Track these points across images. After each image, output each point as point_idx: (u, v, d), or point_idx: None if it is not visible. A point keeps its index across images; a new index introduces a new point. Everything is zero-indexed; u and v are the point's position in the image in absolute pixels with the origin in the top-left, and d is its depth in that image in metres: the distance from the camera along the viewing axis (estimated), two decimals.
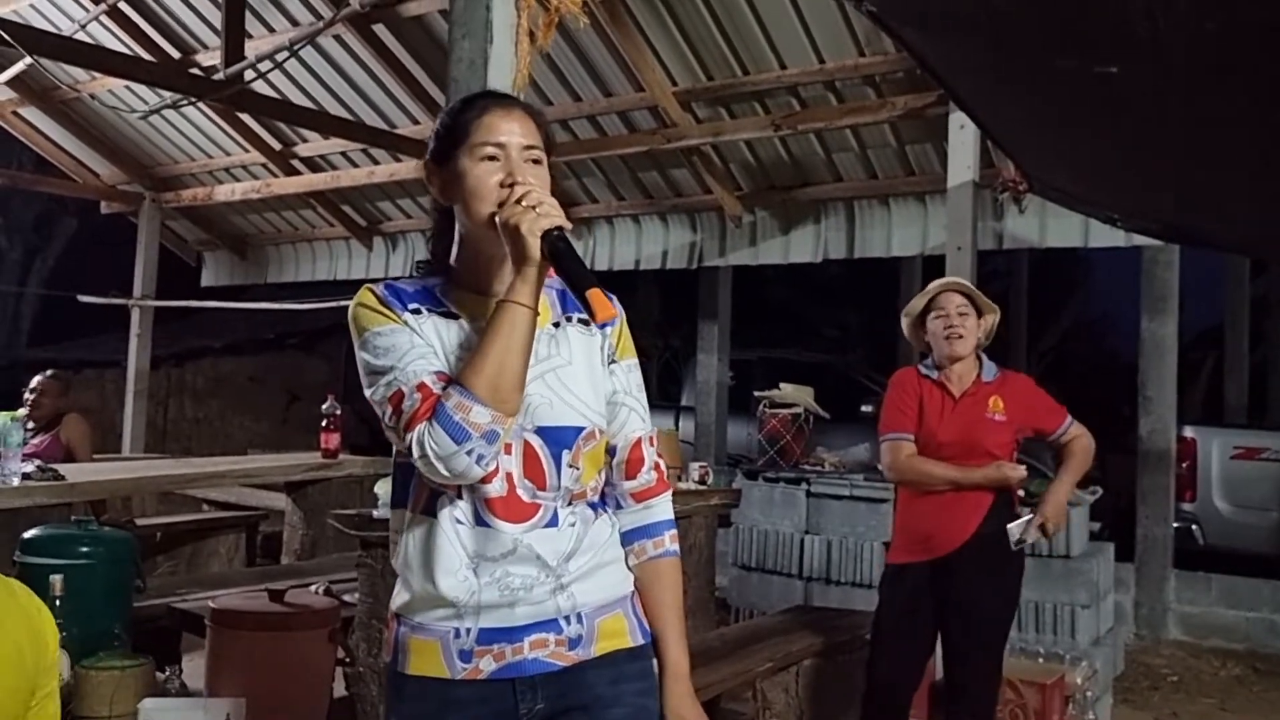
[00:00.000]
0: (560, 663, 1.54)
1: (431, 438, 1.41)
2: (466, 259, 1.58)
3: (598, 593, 1.58)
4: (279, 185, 7.44)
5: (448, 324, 1.54)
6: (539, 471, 1.53)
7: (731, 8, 5.18)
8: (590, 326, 1.62)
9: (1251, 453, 7.32)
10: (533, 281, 1.45)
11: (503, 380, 1.43)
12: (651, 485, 1.67)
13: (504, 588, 1.50)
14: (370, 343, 1.50)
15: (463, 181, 1.52)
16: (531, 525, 1.52)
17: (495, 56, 2.12)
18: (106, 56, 5.58)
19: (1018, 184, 5.11)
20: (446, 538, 1.50)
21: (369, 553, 3.31)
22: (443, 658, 1.51)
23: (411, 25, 5.91)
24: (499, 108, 1.55)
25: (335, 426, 5.29)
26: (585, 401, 1.57)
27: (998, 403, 3.33)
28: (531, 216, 1.44)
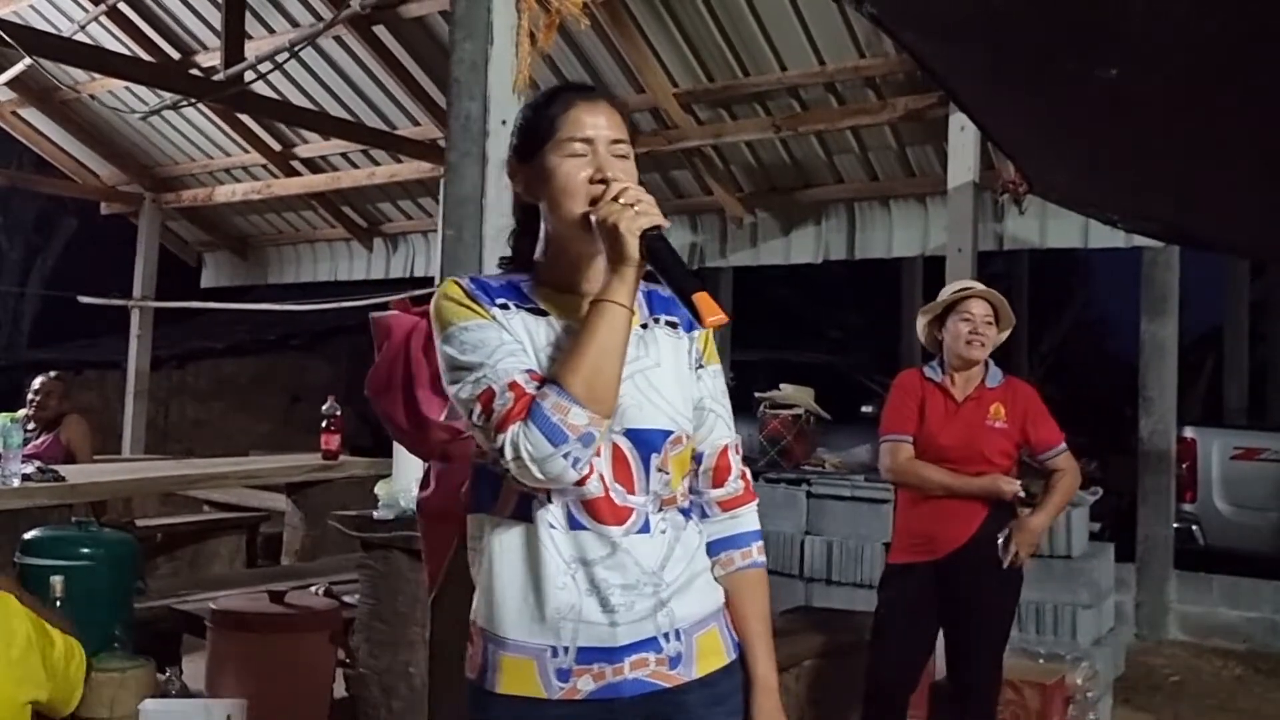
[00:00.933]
0: (662, 683, 1.48)
1: (527, 439, 1.35)
2: (553, 256, 1.53)
3: (694, 607, 1.52)
4: (279, 186, 7.44)
5: (535, 321, 1.49)
6: (628, 475, 1.47)
7: (732, 10, 5.18)
8: (678, 329, 1.57)
9: (1251, 453, 7.32)
10: (630, 281, 1.40)
11: (600, 381, 1.38)
12: (739, 494, 1.62)
13: (603, 601, 1.44)
14: (456, 337, 1.45)
15: (551, 179, 1.47)
16: (627, 529, 1.46)
17: (496, 58, 2.12)
18: (106, 57, 5.59)
19: (1018, 185, 5.11)
20: (544, 543, 1.44)
21: (370, 554, 3.32)
22: (538, 677, 1.44)
23: (412, 26, 5.91)
24: (585, 101, 1.50)
25: (336, 428, 5.30)
26: (673, 405, 1.52)
27: (999, 410, 3.32)
28: (630, 214, 1.39)
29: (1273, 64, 2.49)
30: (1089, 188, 4.42)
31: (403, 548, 3.21)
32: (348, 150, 7.11)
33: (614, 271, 1.41)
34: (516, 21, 2.15)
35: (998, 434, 3.31)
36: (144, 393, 7.91)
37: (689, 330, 1.58)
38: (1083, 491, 4.89)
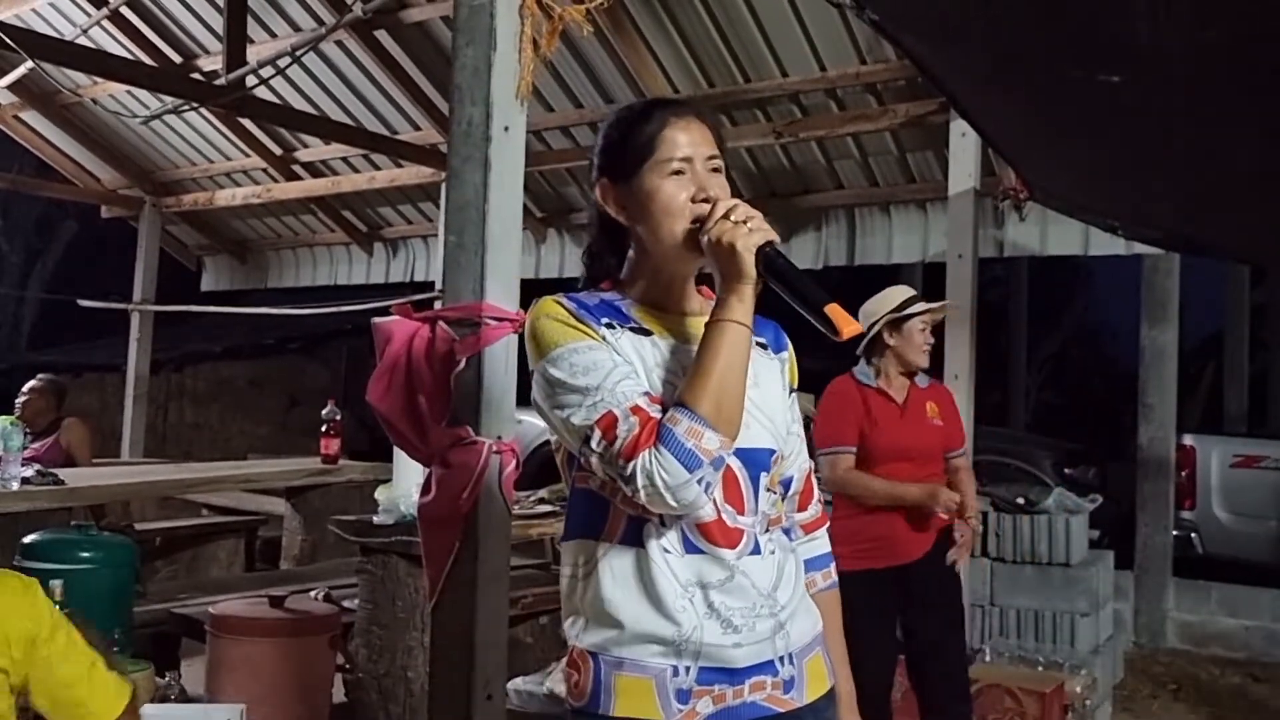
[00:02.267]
0: (777, 708, 1.45)
1: (661, 466, 1.31)
2: (651, 275, 1.51)
3: (804, 631, 1.51)
4: (280, 190, 7.43)
5: (641, 340, 1.46)
6: (738, 496, 1.44)
7: (734, 15, 5.18)
8: (767, 350, 1.56)
9: (1251, 461, 7.33)
10: (749, 300, 1.37)
11: (727, 402, 1.35)
12: (819, 517, 1.65)
13: (725, 623, 1.41)
14: (564, 360, 1.39)
15: (653, 200, 1.44)
16: (740, 551, 1.43)
17: (499, 64, 2.11)
18: (109, 61, 5.59)
19: (1019, 192, 5.10)
20: (659, 568, 1.40)
21: (369, 559, 3.32)
22: (657, 697, 1.40)
23: (413, 31, 5.92)
24: (678, 119, 1.48)
25: (335, 432, 5.30)
26: (775, 423, 1.50)
27: (934, 408, 3.44)
28: (744, 232, 1.36)
29: (1274, 71, 2.50)
30: (1090, 194, 4.42)
31: (402, 553, 3.22)
32: (348, 155, 7.10)
33: (731, 290, 1.38)
34: (519, 28, 2.14)
35: (938, 432, 3.42)
36: (143, 396, 7.90)
37: (778, 352, 1.58)
38: (1081, 499, 4.91)
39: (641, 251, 1.50)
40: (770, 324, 1.57)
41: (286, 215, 8.24)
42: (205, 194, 7.82)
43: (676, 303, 1.51)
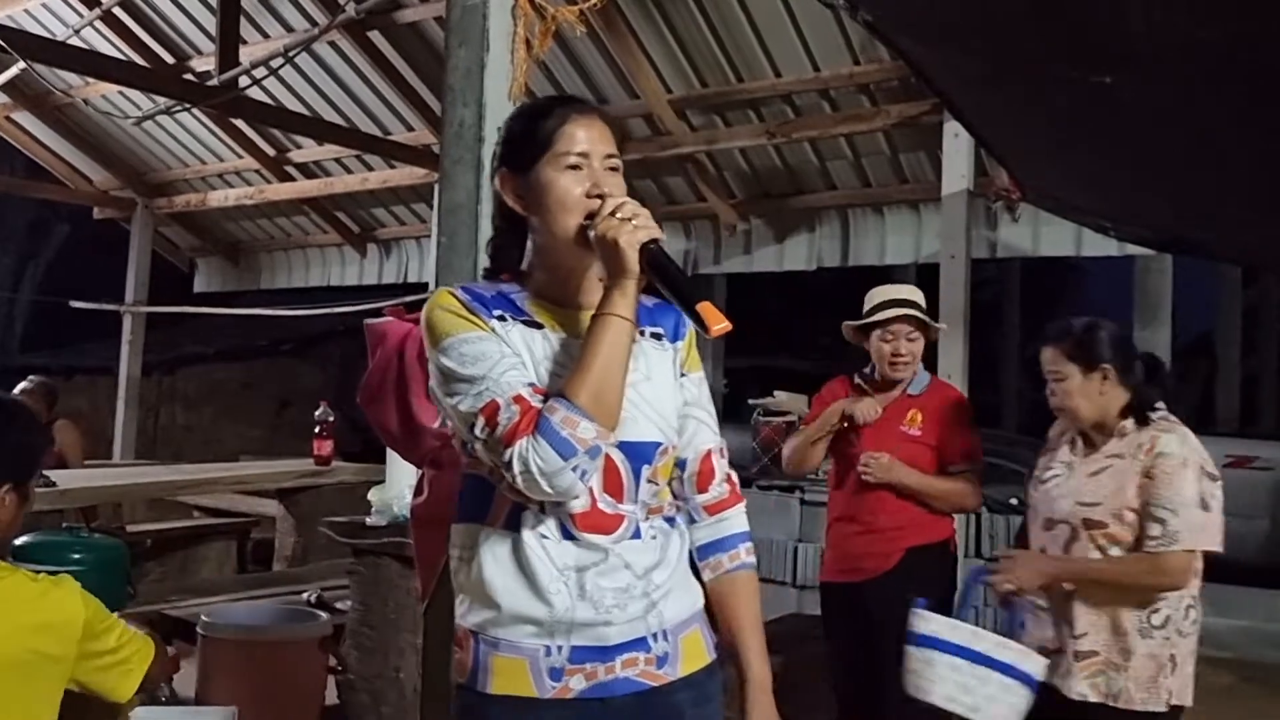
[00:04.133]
0: (651, 682, 1.50)
1: (536, 453, 1.36)
2: (546, 269, 1.54)
3: (680, 609, 1.55)
4: (272, 192, 7.44)
5: (532, 333, 1.50)
6: (618, 485, 1.49)
7: (727, 16, 5.20)
8: (663, 340, 1.59)
9: (1242, 461, 7.32)
10: (632, 295, 1.42)
11: (606, 394, 1.40)
12: (724, 498, 1.64)
13: (597, 603, 1.46)
14: (454, 349, 1.44)
15: (548, 193, 1.48)
16: (618, 537, 1.48)
17: (492, 64, 2.11)
18: (102, 62, 5.57)
19: (1011, 193, 5.12)
20: (534, 553, 1.46)
21: (360, 560, 3.32)
22: (531, 676, 1.46)
23: (407, 32, 5.92)
24: (580, 116, 1.51)
25: (328, 433, 5.28)
26: (664, 416, 1.54)
27: (915, 416, 3.20)
28: (629, 229, 1.40)
29: (1268, 72, 2.50)
30: (1082, 195, 4.43)
31: (393, 554, 3.21)
32: (341, 156, 7.11)
33: (615, 285, 1.42)
34: (512, 29, 2.14)
35: (910, 441, 3.17)
36: (135, 398, 7.90)
37: (674, 341, 1.60)
38: None
39: (538, 244, 1.54)
40: (673, 312, 1.58)
41: (279, 216, 8.24)
42: (198, 195, 7.83)
43: (572, 296, 1.54)
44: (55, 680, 1.76)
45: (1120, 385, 2.54)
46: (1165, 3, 2.31)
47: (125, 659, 1.85)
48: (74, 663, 1.77)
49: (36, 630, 1.74)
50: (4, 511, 1.82)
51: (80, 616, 1.78)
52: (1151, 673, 2.45)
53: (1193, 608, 2.52)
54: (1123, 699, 2.44)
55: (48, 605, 1.77)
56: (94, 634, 1.79)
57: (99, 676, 1.81)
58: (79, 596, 1.81)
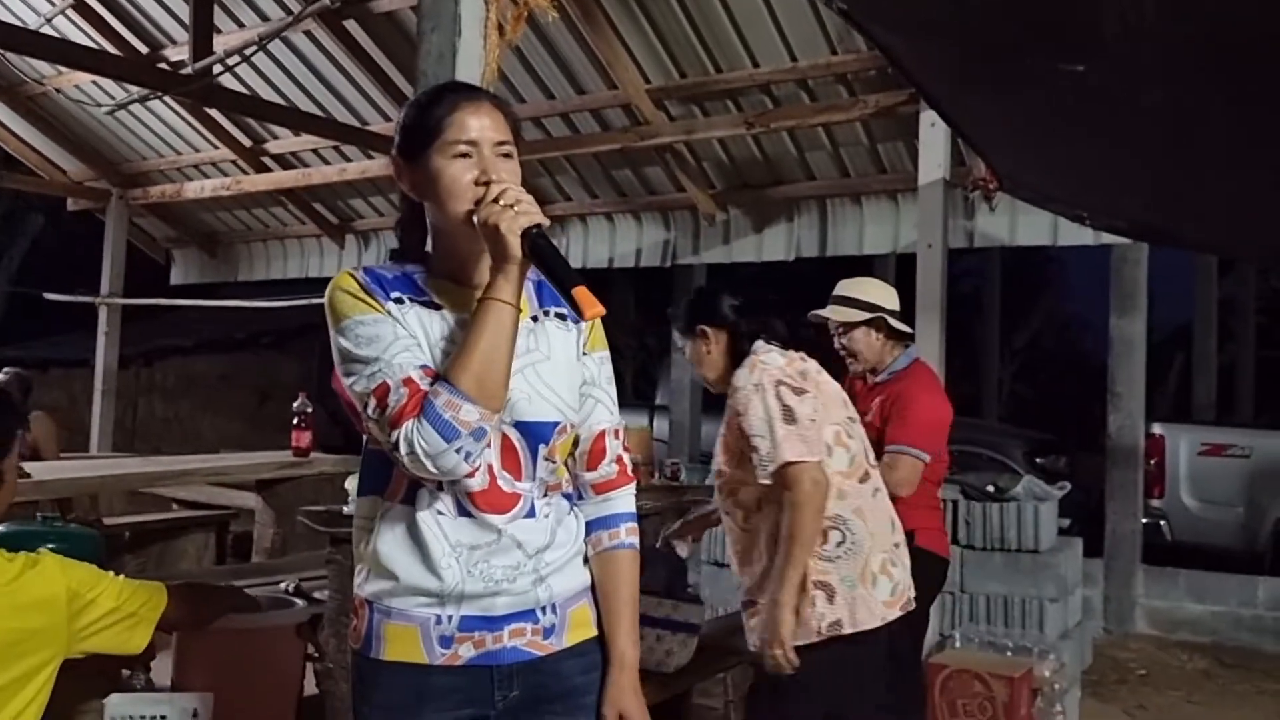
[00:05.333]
0: (537, 652, 1.56)
1: (420, 435, 1.41)
2: (443, 252, 1.58)
3: (570, 583, 1.61)
4: (249, 183, 7.37)
5: (430, 314, 1.55)
6: (516, 464, 1.55)
7: (704, 6, 5.20)
8: (567, 321, 1.63)
9: (1218, 449, 7.44)
10: (515, 279, 1.46)
11: (489, 377, 1.44)
12: (612, 478, 1.68)
13: (487, 578, 1.52)
14: (351, 330, 1.49)
15: (437, 181, 1.51)
16: (513, 516, 1.54)
17: (464, 50, 2.11)
18: (75, 51, 5.53)
19: (988, 182, 5.14)
20: (429, 529, 1.51)
21: (338, 549, 3.29)
22: (421, 643, 1.52)
23: (382, 21, 5.88)
24: (469, 103, 1.54)
25: (307, 425, 5.26)
26: (562, 397, 1.58)
27: (875, 404, 3.30)
28: (510, 215, 1.44)
29: (1241, 62, 2.53)
30: (1057, 185, 4.46)
31: None
32: (318, 146, 7.08)
33: (498, 270, 1.47)
34: (484, 13, 2.15)
35: (867, 426, 3.12)
36: (111, 391, 7.84)
37: (578, 321, 1.63)
38: (1049, 486, 4.96)
39: (434, 228, 1.58)
40: None
41: (256, 208, 8.20)
42: (174, 186, 7.78)
43: (469, 277, 1.58)
44: (46, 654, 1.78)
45: (725, 339, 2.66)
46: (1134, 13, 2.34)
47: (130, 614, 1.87)
48: (67, 635, 1.79)
49: (18, 610, 1.75)
50: None
51: (62, 590, 1.79)
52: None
53: (834, 529, 2.56)
54: None
55: (25, 584, 1.77)
56: (84, 603, 1.81)
57: (102, 639, 1.84)
58: (58, 570, 1.81)
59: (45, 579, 1.79)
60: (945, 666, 4.17)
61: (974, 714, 4.08)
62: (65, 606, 1.79)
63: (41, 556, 1.84)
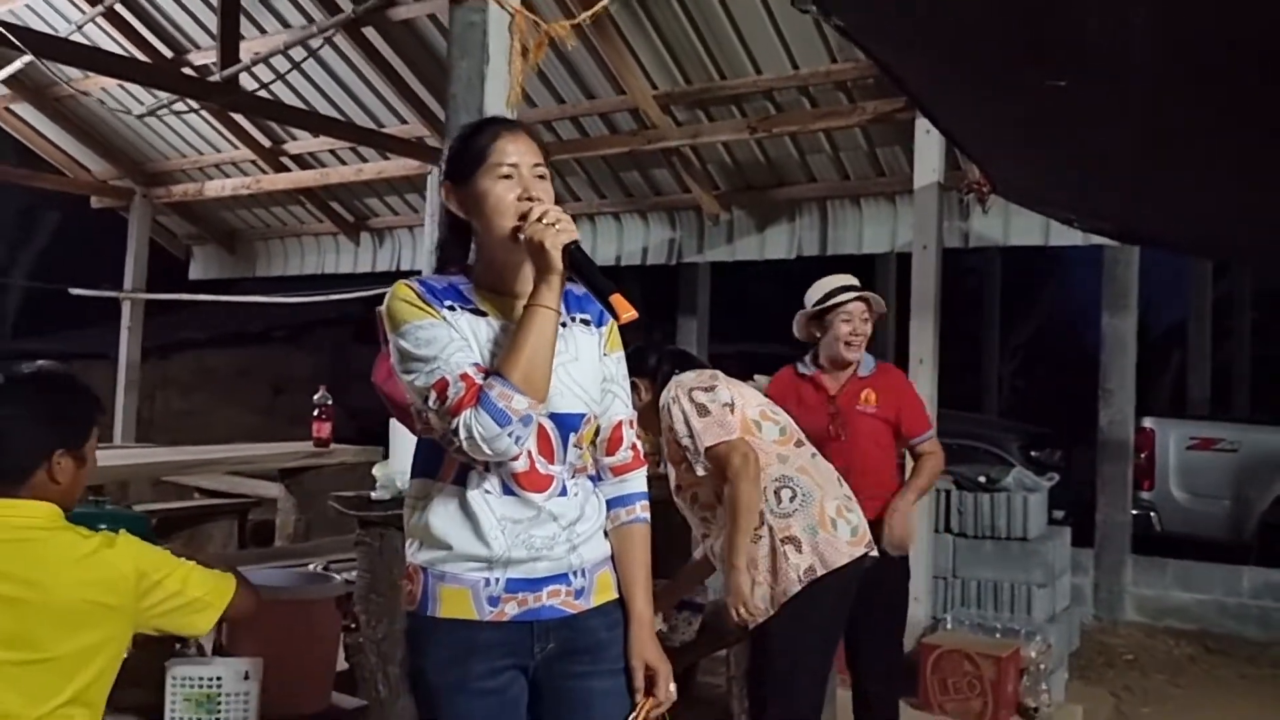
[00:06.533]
0: (570, 610, 1.79)
1: (478, 422, 1.62)
2: (487, 264, 1.81)
3: (596, 552, 1.85)
4: (268, 182, 7.57)
5: (477, 320, 1.77)
6: (550, 449, 1.77)
7: (710, 16, 5.37)
8: (590, 325, 1.86)
9: (1207, 443, 7.60)
10: (556, 288, 1.69)
11: (536, 372, 1.66)
12: (628, 461, 1.92)
13: (529, 546, 1.75)
14: (411, 334, 1.70)
15: (485, 200, 1.74)
16: (549, 494, 1.77)
17: (491, 75, 2.32)
18: (106, 59, 5.71)
19: (982, 185, 5.33)
20: (479, 505, 1.73)
21: (367, 531, 3.51)
22: (473, 602, 1.74)
23: (400, 29, 6.08)
24: (509, 132, 1.78)
25: (327, 416, 5.46)
26: (589, 392, 1.81)
27: (869, 395, 3.51)
28: (553, 232, 1.67)
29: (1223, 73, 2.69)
30: (1045, 189, 4.63)
31: (397, 525, 3.38)
32: (336, 147, 7.26)
33: (542, 280, 1.69)
34: (509, 42, 2.36)
35: (868, 419, 3.49)
36: (135, 383, 8.06)
37: (599, 325, 1.87)
38: (1039, 478, 5.16)
39: (480, 243, 1.81)
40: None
41: (275, 206, 8.38)
42: (195, 185, 7.97)
43: (510, 286, 1.80)
44: (116, 628, 1.95)
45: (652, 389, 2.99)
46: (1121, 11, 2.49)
47: (196, 599, 2.04)
48: (134, 612, 1.96)
49: (91, 584, 1.91)
50: (62, 475, 1.98)
51: (133, 570, 1.96)
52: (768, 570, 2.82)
53: (783, 488, 2.86)
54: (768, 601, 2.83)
55: (100, 561, 1.94)
56: (151, 584, 1.98)
57: (167, 620, 2.01)
58: (132, 551, 1.98)
59: (119, 558, 1.97)
60: (937, 647, 4.39)
61: (963, 691, 4.30)
62: (134, 585, 1.96)
63: (118, 537, 2.01)
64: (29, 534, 1.93)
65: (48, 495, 1.98)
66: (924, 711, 4.33)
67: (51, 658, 1.87)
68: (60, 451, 1.99)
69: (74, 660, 1.90)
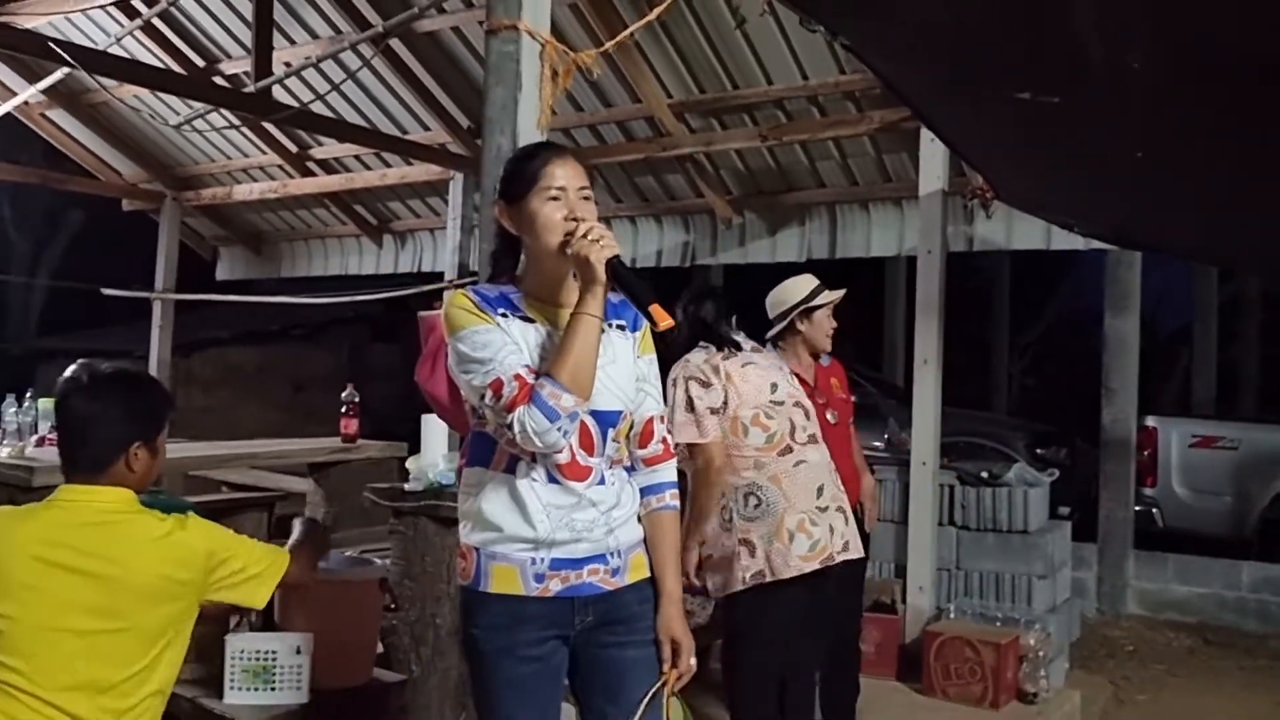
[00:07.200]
0: (607, 587, 2.00)
1: (530, 418, 1.82)
2: (536, 275, 2.01)
3: (631, 535, 2.05)
4: (295, 186, 7.80)
5: (526, 326, 1.96)
6: (590, 443, 1.97)
7: (723, 28, 5.54)
8: (626, 330, 2.06)
9: (1208, 441, 7.74)
10: (600, 298, 1.88)
11: (582, 373, 1.86)
12: (659, 454, 2.12)
13: (572, 529, 1.94)
14: (468, 338, 1.90)
15: (535, 219, 1.94)
16: (589, 483, 1.97)
17: (524, 101, 2.52)
18: (144, 71, 5.93)
19: (985, 191, 5.48)
20: (526, 492, 1.93)
21: (401, 520, 3.71)
22: (520, 579, 1.94)
23: (424, 40, 6.30)
24: (558, 158, 1.98)
25: (354, 413, 5.66)
26: (625, 391, 2.02)
27: (835, 382, 3.88)
28: (597, 248, 1.86)
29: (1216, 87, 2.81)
30: (1044, 196, 4.78)
31: (429, 515, 3.59)
32: (361, 153, 7.47)
33: (586, 290, 1.88)
34: (540, 70, 2.57)
35: (844, 402, 3.88)
36: (165, 381, 8.26)
37: (634, 330, 2.08)
38: (1039, 473, 5.32)
39: (529, 256, 2.02)
40: (633, 308, 2.04)
41: (301, 209, 8.61)
42: (224, 189, 8.19)
43: (556, 296, 2.00)
44: (188, 600, 2.15)
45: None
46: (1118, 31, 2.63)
47: (256, 574, 2.23)
48: (202, 586, 2.15)
49: (166, 562, 2.11)
50: (138, 465, 2.17)
51: (203, 549, 2.15)
52: (727, 561, 3.08)
53: (751, 495, 3.12)
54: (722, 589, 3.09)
55: (174, 541, 2.13)
56: (218, 561, 2.17)
57: (230, 593, 2.20)
58: (202, 532, 2.18)
59: (191, 538, 2.16)
60: (940, 634, 4.57)
61: (964, 676, 4.48)
62: (204, 562, 2.15)
63: (189, 519, 2.20)
64: (112, 517, 2.12)
65: (125, 483, 2.16)
66: (927, 695, 4.52)
67: (134, 627, 2.07)
68: (137, 444, 2.17)
69: (153, 629, 2.10)
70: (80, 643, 2.03)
